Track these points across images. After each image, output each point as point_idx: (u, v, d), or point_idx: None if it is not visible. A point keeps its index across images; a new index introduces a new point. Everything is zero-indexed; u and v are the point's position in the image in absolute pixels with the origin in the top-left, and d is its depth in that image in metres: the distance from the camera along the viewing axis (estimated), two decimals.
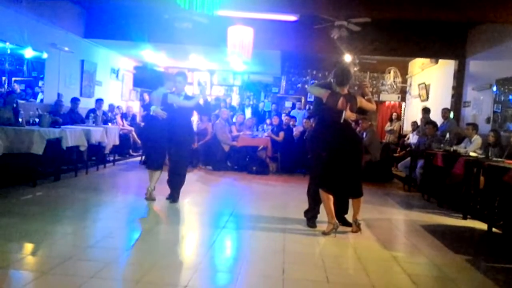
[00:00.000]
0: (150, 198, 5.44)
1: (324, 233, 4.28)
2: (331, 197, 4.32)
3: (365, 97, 4.56)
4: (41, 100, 8.28)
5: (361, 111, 4.74)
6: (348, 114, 4.28)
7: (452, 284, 3.30)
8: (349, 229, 4.48)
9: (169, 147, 5.49)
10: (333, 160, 4.29)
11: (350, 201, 4.61)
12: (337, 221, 4.29)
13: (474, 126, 7.07)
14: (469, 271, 3.60)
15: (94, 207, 5.25)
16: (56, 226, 4.15)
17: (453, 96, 9.29)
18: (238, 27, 7.98)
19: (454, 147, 6.73)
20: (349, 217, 4.65)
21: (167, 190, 5.58)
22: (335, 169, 4.28)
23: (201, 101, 5.72)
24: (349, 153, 4.30)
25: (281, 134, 9.49)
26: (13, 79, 8.02)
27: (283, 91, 13.58)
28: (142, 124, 10.81)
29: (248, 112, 12.57)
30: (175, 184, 5.53)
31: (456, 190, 6.18)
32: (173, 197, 5.51)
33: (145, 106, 6.41)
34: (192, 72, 13.56)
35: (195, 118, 11.32)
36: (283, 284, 2.97)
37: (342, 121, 4.27)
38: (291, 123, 10.19)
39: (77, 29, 9.24)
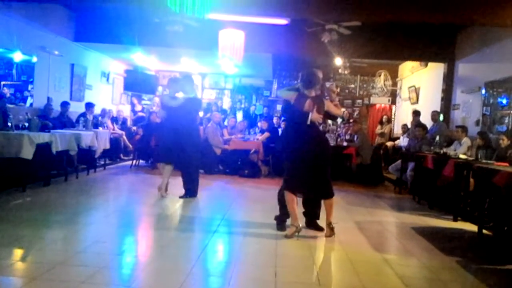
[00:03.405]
0: (163, 194, 5.91)
1: (287, 236, 4.25)
2: (295, 198, 4.33)
3: (333, 102, 4.60)
4: (31, 104, 8.20)
5: (329, 116, 4.79)
6: (314, 116, 4.30)
7: (443, 286, 3.33)
8: (339, 232, 4.45)
9: (176, 147, 5.77)
10: (299, 161, 4.31)
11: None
12: (299, 224, 4.28)
13: (464, 129, 7.14)
14: (460, 272, 3.63)
15: (85, 211, 5.21)
16: (46, 231, 4.11)
17: (442, 98, 9.39)
18: (229, 30, 8.00)
19: (444, 150, 6.79)
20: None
21: (149, 195, 5.52)
22: (302, 170, 4.29)
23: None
24: (316, 155, 4.31)
25: (266, 134, 9.50)
26: (2, 83, 7.95)
27: (275, 94, 13.62)
28: (134, 128, 10.87)
29: (240, 116, 12.57)
30: (188, 181, 5.99)
31: (447, 192, 6.23)
32: (188, 192, 5.98)
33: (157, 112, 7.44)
34: None
35: None
36: (275, 287, 2.97)
37: (308, 122, 4.28)
38: (282, 124, 10.20)
39: (67, 33, 9.19)
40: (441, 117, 8.93)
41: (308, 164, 4.28)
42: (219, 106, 12.39)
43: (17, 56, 7.58)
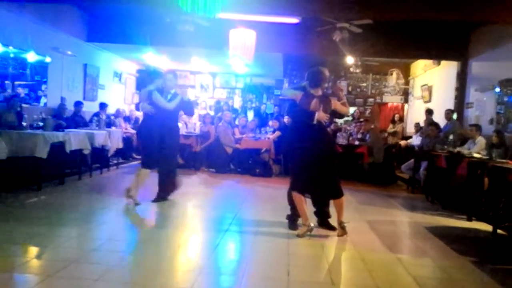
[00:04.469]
0: (136, 201, 5.33)
1: (299, 236, 4.23)
2: (303, 198, 4.30)
3: (340, 101, 4.54)
4: (45, 104, 8.30)
5: (336, 114, 4.73)
6: (320, 116, 4.23)
7: (457, 286, 3.30)
8: (351, 231, 4.43)
9: (159, 146, 5.37)
10: (306, 161, 4.27)
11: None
12: (311, 224, 4.26)
13: (478, 127, 7.05)
14: (474, 273, 3.58)
15: (98, 210, 5.26)
16: (60, 229, 4.16)
17: (456, 97, 9.28)
18: (240, 29, 8.00)
19: (458, 149, 6.71)
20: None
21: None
22: (309, 170, 4.25)
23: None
24: (322, 154, 4.26)
25: (276, 133, 9.48)
26: (17, 83, 8.05)
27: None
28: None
29: (251, 115, 12.58)
30: (168, 187, 5.54)
31: (460, 191, 6.16)
32: (161, 196, 5.52)
33: (137, 105, 6.59)
34: (194, 75, 13.60)
35: (198, 121, 11.40)
36: (288, 286, 2.96)
37: (315, 122, 4.23)
38: (285, 119, 10.15)
39: (80, 33, 9.28)
40: (455, 116, 8.83)
41: (315, 164, 4.24)
42: (230, 105, 12.41)
43: (31, 57, 7.67)
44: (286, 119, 10.41)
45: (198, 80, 13.65)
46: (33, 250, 3.57)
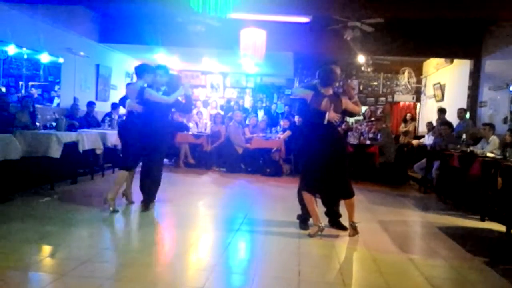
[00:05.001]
0: (113, 206, 4.86)
1: (310, 236, 4.22)
2: (313, 198, 4.28)
3: (352, 100, 4.47)
4: (58, 104, 8.40)
5: (348, 114, 4.68)
6: (331, 115, 4.17)
7: (471, 287, 3.26)
8: (363, 231, 4.41)
9: (143, 146, 4.99)
10: (316, 161, 4.23)
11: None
12: (322, 223, 4.24)
13: (491, 126, 6.96)
14: (488, 273, 3.55)
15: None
16: (73, 229, 4.21)
17: (469, 96, 9.18)
18: (251, 29, 8.01)
19: (471, 148, 6.63)
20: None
21: (173, 193, 5.55)
22: (319, 170, 4.22)
23: (181, 98, 5.30)
24: (332, 154, 4.21)
25: (287, 132, 9.47)
26: (30, 83, 8.16)
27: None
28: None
29: (261, 114, 12.57)
30: (148, 189, 5.09)
31: (473, 191, 6.09)
32: (145, 203, 5.05)
33: (121, 100, 5.75)
34: (205, 75, 13.64)
35: (208, 121, 11.42)
36: (299, 286, 2.96)
37: (325, 122, 4.17)
38: (296, 118, 10.12)
39: (92, 34, 9.37)
40: (468, 115, 8.73)
41: (325, 164, 4.20)
42: (240, 105, 12.42)
43: (44, 57, 7.78)
44: (297, 118, 10.43)
45: (209, 80, 13.69)
46: (47, 249, 3.62)
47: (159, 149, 5.09)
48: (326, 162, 4.21)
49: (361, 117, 10.58)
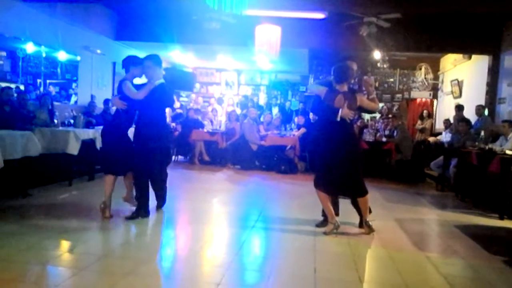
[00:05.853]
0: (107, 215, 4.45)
1: (325, 233, 4.19)
2: (327, 196, 4.24)
3: (370, 96, 4.38)
4: (75, 102, 8.53)
5: (364, 110, 4.59)
6: (345, 112, 4.09)
7: (489, 286, 3.21)
8: (379, 229, 4.38)
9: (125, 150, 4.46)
10: (328, 159, 4.18)
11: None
12: (337, 221, 4.21)
13: (510, 123, 6.82)
14: (506, 272, 3.49)
15: (127, 205, 5.34)
16: (91, 224, 4.26)
17: (487, 92, 9.02)
18: (266, 26, 7.99)
19: (489, 145, 6.53)
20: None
21: (188, 190, 5.60)
22: (331, 168, 4.17)
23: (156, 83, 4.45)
24: (345, 153, 4.14)
25: (301, 130, 9.43)
26: (48, 81, 8.30)
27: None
28: (173, 125, 10.79)
29: (275, 111, 12.55)
30: (158, 193, 4.79)
31: (492, 189, 5.99)
32: (160, 205, 4.83)
33: (107, 99, 5.28)
34: (220, 72, 13.67)
35: (223, 118, 11.44)
36: (315, 284, 2.95)
37: (338, 119, 4.09)
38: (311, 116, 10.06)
39: (109, 32, 9.47)
40: (486, 112, 8.59)
41: (337, 162, 4.14)
42: (255, 102, 12.42)
43: (62, 55, 7.90)
44: (311, 115, 10.39)
45: (224, 77, 13.72)
46: (66, 244, 3.67)
47: (141, 152, 4.37)
48: (338, 159, 4.15)
49: (377, 114, 10.48)
